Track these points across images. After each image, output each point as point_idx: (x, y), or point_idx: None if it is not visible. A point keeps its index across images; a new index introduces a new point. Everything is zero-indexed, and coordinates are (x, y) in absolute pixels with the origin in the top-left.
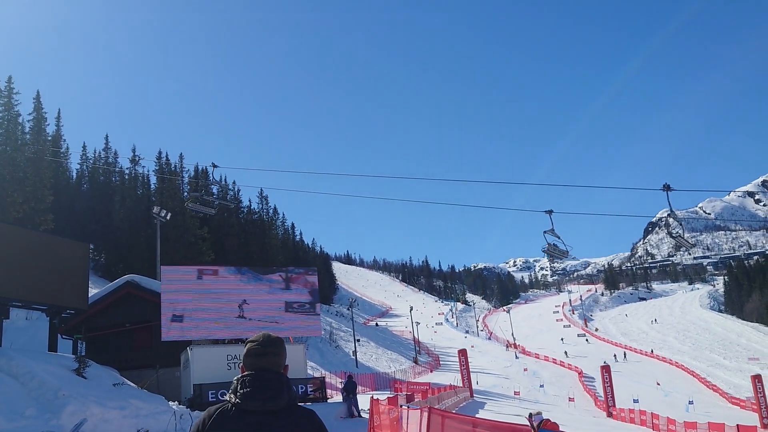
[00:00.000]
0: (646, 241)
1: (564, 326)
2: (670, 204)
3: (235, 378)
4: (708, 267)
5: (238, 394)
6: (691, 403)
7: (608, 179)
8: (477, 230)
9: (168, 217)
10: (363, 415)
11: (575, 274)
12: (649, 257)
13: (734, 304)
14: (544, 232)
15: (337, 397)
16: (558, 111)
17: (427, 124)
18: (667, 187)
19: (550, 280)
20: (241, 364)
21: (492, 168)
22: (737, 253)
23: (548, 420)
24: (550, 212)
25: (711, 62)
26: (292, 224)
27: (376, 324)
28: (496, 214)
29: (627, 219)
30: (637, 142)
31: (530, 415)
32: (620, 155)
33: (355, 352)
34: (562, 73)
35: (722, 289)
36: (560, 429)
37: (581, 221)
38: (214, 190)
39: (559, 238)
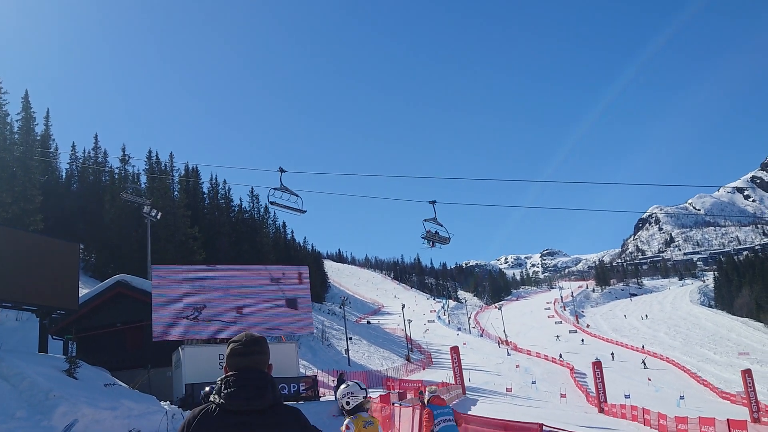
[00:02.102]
0: (636, 237)
1: (555, 323)
2: None
3: (219, 378)
4: (698, 262)
5: (223, 394)
6: (682, 398)
7: (605, 178)
8: (472, 228)
9: (158, 217)
10: None
11: (566, 270)
12: (640, 253)
13: (724, 299)
14: (424, 220)
15: (330, 396)
16: (555, 121)
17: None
18: None
19: (541, 276)
20: (225, 364)
21: (498, 169)
22: (727, 249)
23: (437, 396)
24: (433, 202)
25: (707, 65)
26: (284, 223)
27: (368, 322)
28: (496, 213)
29: (617, 215)
30: (632, 147)
31: (420, 393)
32: (618, 159)
33: (347, 351)
34: (559, 84)
35: (712, 285)
36: (446, 403)
37: (574, 218)
38: (287, 197)
39: (441, 225)
